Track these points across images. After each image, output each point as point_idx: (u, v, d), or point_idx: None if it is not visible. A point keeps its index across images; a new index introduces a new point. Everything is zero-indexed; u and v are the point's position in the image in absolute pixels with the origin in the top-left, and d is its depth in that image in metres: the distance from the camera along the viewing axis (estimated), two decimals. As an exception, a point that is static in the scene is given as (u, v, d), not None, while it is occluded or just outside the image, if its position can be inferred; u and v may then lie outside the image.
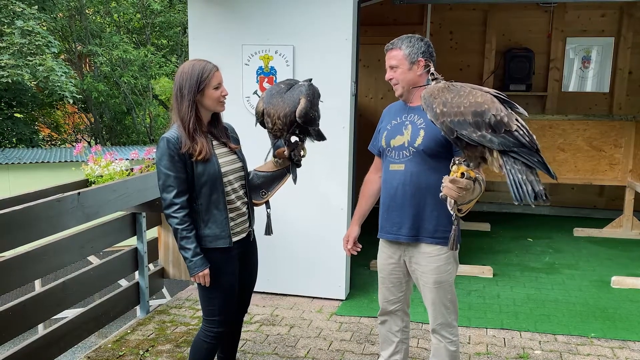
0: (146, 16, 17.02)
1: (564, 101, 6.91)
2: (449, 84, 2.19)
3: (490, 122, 2.05)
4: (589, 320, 3.90)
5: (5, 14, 11.98)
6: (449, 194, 2.18)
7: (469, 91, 2.13)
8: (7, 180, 11.24)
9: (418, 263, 2.56)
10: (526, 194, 2.03)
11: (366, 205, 2.79)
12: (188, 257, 2.43)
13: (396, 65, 2.49)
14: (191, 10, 4.18)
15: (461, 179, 2.16)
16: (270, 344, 3.57)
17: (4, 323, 2.76)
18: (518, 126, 2.07)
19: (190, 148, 2.40)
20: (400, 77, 2.49)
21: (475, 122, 2.06)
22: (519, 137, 2.06)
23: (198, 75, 2.43)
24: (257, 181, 2.69)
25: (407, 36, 2.53)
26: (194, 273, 2.44)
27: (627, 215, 5.93)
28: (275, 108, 2.54)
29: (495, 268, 4.88)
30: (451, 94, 2.13)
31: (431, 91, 2.19)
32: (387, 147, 2.58)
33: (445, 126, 2.12)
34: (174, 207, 2.40)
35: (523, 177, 2.05)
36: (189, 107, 2.42)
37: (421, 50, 2.49)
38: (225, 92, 2.51)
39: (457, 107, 2.09)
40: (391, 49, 2.52)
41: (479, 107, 2.07)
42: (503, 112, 2.07)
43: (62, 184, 3.34)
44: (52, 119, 18.17)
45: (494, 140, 2.07)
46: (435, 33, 6.99)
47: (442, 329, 2.58)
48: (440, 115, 2.12)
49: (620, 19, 6.65)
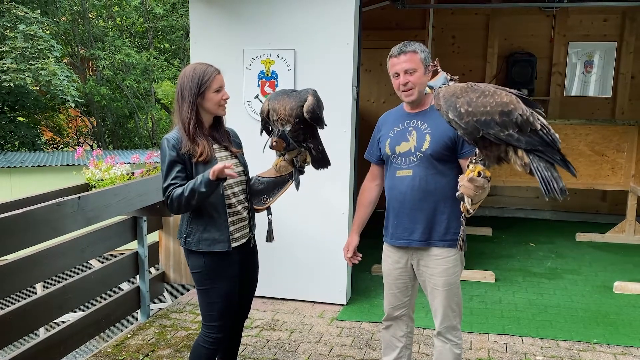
0: (149, 20, 17.07)
1: (567, 106, 6.91)
2: (471, 83, 2.18)
3: (517, 121, 2.06)
4: (591, 326, 3.88)
5: (8, 18, 12.02)
6: (467, 193, 2.18)
7: (494, 91, 2.12)
8: (9, 184, 11.25)
9: (427, 266, 2.55)
10: (555, 189, 2.05)
11: (364, 213, 2.79)
12: (198, 188, 2.33)
13: (414, 68, 2.46)
14: (193, 15, 4.19)
15: (479, 178, 2.16)
16: (271, 349, 3.55)
17: (5, 327, 2.75)
18: (542, 125, 2.09)
19: (191, 149, 2.40)
20: (418, 81, 2.47)
21: (502, 122, 2.06)
22: (543, 136, 2.08)
23: (199, 78, 2.43)
24: (259, 186, 2.68)
25: (413, 42, 2.52)
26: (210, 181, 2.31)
27: (630, 220, 5.92)
28: (282, 103, 2.51)
29: (497, 273, 4.86)
30: (475, 94, 2.11)
31: (453, 91, 2.16)
32: (392, 153, 2.57)
33: (471, 125, 2.10)
34: (171, 188, 2.38)
35: (549, 174, 2.07)
36: (189, 109, 2.43)
37: (429, 55, 2.51)
38: (226, 95, 2.51)
39: (484, 106, 2.08)
40: (406, 52, 2.47)
41: (505, 107, 2.07)
42: (528, 112, 2.08)
43: (62, 188, 3.34)
44: (54, 123, 18.21)
45: (521, 140, 2.07)
46: (438, 37, 7.00)
47: (447, 331, 2.57)
48: (466, 114, 2.10)
49: (622, 23, 6.65)
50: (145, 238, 3.93)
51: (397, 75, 2.50)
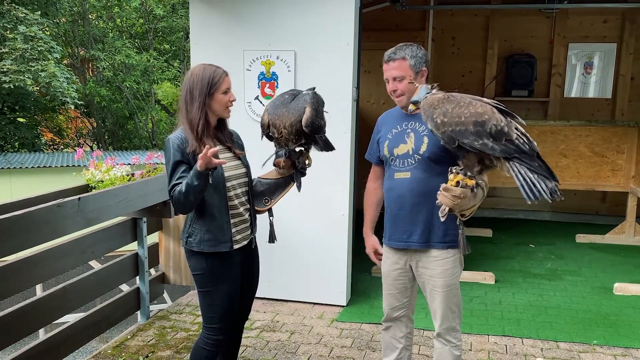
0: (149, 21, 17.06)
1: (566, 107, 6.91)
2: (448, 94, 2.24)
3: (491, 131, 2.13)
4: (591, 328, 3.88)
5: (8, 19, 12.01)
6: (445, 202, 2.24)
7: (469, 102, 2.19)
8: (9, 185, 11.24)
9: (426, 267, 2.55)
10: (541, 190, 2.09)
11: (375, 213, 2.80)
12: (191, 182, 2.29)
13: (402, 76, 2.48)
14: (193, 16, 4.19)
15: (455, 188, 2.22)
16: (271, 350, 3.55)
17: (5, 328, 2.75)
18: (518, 135, 2.15)
19: (197, 149, 2.39)
20: (406, 88, 2.48)
21: (476, 132, 2.14)
22: (519, 145, 2.15)
23: (209, 78, 2.43)
24: (261, 188, 2.68)
25: (407, 45, 2.51)
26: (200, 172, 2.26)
27: (630, 221, 5.92)
28: (281, 118, 2.54)
29: (497, 274, 4.86)
30: (451, 105, 2.19)
31: (431, 102, 2.23)
32: (390, 155, 2.57)
33: (447, 135, 2.18)
34: (175, 187, 2.38)
35: (534, 176, 2.11)
36: (199, 109, 2.41)
37: (423, 59, 2.50)
38: (233, 97, 2.51)
39: (458, 117, 2.15)
40: (394, 60, 2.49)
41: (479, 117, 2.14)
42: (503, 122, 2.15)
43: (62, 189, 3.34)
44: (54, 123, 18.19)
45: (495, 148, 2.14)
46: (438, 38, 7.00)
47: (447, 333, 2.57)
48: (442, 125, 2.17)
49: (622, 24, 6.66)
50: (145, 239, 3.92)
51: (387, 80, 2.55)
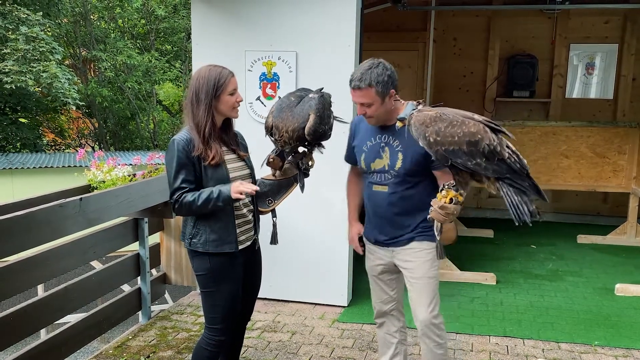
0: (150, 22, 17.08)
1: (568, 108, 6.90)
2: (440, 112, 2.22)
3: (484, 151, 2.13)
4: (592, 328, 3.87)
5: (10, 20, 12.03)
6: (437, 218, 2.28)
7: (462, 121, 2.17)
8: (11, 185, 11.26)
9: (405, 260, 2.61)
10: (524, 213, 2.13)
11: (357, 201, 2.84)
12: (214, 201, 2.35)
13: (369, 102, 2.45)
14: (194, 17, 4.20)
15: (450, 205, 2.24)
16: (272, 351, 3.55)
17: (6, 328, 2.75)
18: (509, 153, 2.16)
19: (203, 152, 2.39)
20: (375, 113, 2.48)
21: (469, 152, 2.13)
22: (511, 165, 2.15)
23: (215, 80, 2.42)
24: (264, 189, 2.67)
25: (371, 68, 2.40)
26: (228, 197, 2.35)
27: (631, 222, 5.91)
28: (284, 122, 2.54)
29: (498, 275, 4.86)
30: (444, 124, 2.17)
31: (423, 120, 2.20)
32: (367, 169, 2.61)
33: (440, 154, 2.18)
34: (180, 192, 2.38)
35: (518, 199, 2.15)
36: (206, 111, 2.41)
37: (389, 82, 2.41)
38: (240, 98, 2.51)
39: (451, 136, 2.14)
40: (359, 89, 2.41)
41: (472, 137, 2.13)
42: (495, 141, 2.15)
43: (64, 190, 3.34)
44: (56, 124, 18.20)
45: (488, 168, 2.15)
46: (439, 39, 7.00)
47: (428, 329, 2.60)
48: (434, 144, 2.16)
49: (624, 25, 6.65)
50: (146, 239, 3.93)
51: (356, 103, 2.51)
